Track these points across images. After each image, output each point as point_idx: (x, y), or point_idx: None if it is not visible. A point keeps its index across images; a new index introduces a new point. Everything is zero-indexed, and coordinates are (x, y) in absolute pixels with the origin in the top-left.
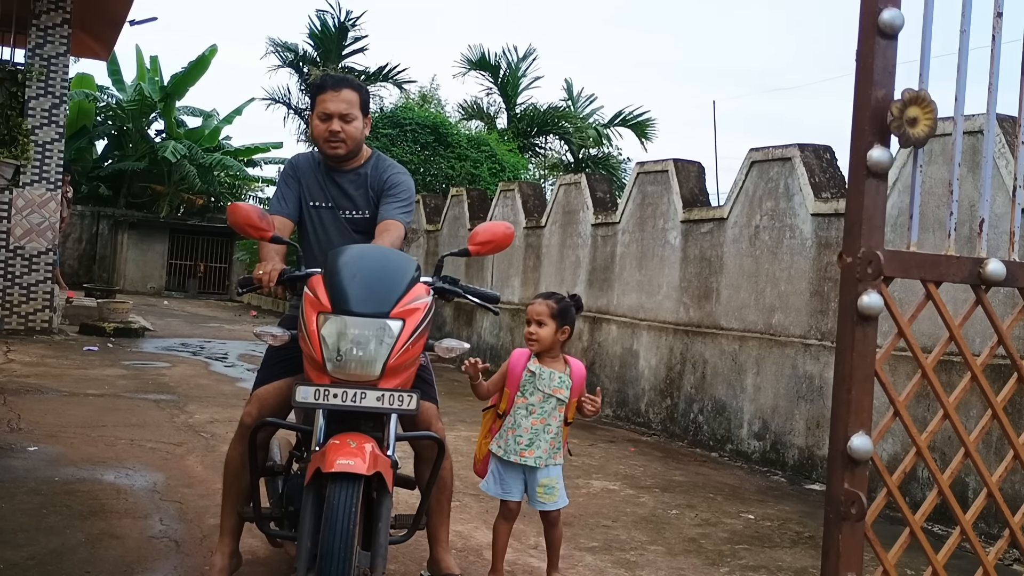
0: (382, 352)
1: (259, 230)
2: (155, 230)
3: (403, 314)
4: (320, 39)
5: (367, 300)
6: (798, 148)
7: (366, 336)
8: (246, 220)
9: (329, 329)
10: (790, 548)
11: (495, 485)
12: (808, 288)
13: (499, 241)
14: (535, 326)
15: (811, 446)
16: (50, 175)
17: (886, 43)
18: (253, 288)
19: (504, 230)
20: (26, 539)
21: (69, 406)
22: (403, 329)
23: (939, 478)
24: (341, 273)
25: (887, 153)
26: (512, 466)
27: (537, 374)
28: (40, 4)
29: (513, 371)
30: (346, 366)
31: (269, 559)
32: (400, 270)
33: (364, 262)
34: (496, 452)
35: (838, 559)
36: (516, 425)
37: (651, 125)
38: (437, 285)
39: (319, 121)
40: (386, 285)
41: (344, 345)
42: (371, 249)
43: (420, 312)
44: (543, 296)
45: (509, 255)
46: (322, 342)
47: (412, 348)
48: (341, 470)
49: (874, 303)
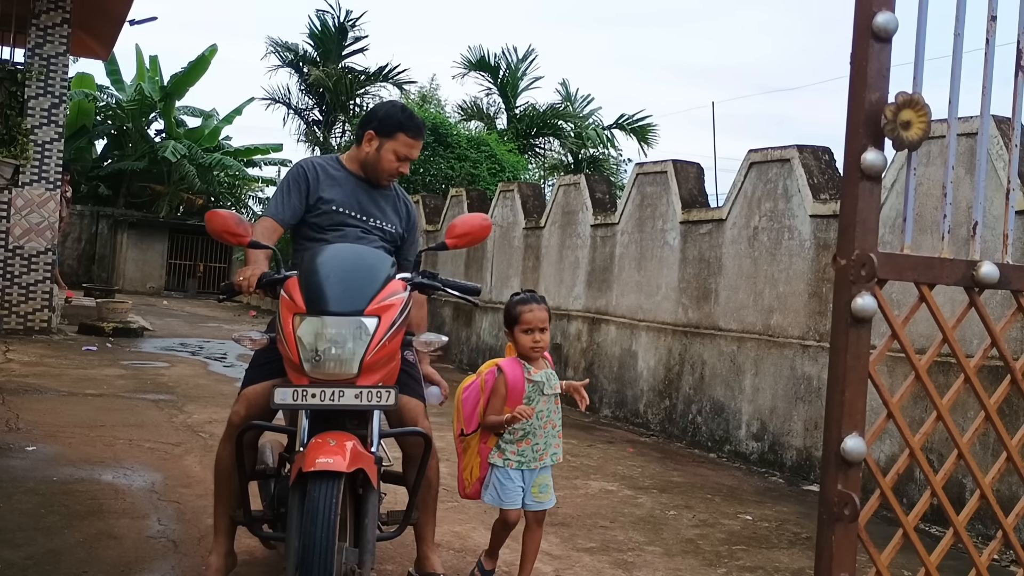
0: (359, 350)
1: (236, 236)
2: (155, 230)
3: (378, 311)
4: (320, 39)
5: (341, 299)
6: (797, 149)
7: (342, 335)
8: (223, 227)
9: (305, 330)
10: (787, 549)
11: (498, 496)
12: (806, 289)
13: (476, 233)
14: (539, 333)
15: (809, 447)
16: (49, 175)
17: (880, 46)
18: (235, 294)
19: (481, 222)
20: (24, 539)
21: (68, 406)
22: (379, 326)
23: (932, 479)
24: (315, 274)
25: (881, 156)
26: (513, 473)
27: (540, 381)
28: (40, 4)
29: (515, 388)
30: (324, 366)
31: (266, 560)
32: (374, 268)
33: (337, 262)
34: (501, 464)
35: (831, 560)
36: (531, 435)
37: (652, 130)
38: (415, 280)
39: (392, 157)
40: (360, 283)
41: (321, 345)
42: (344, 248)
43: (396, 308)
44: (534, 300)
45: (508, 256)
46: (299, 343)
47: (389, 344)
48: (321, 468)
49: (868, 305)
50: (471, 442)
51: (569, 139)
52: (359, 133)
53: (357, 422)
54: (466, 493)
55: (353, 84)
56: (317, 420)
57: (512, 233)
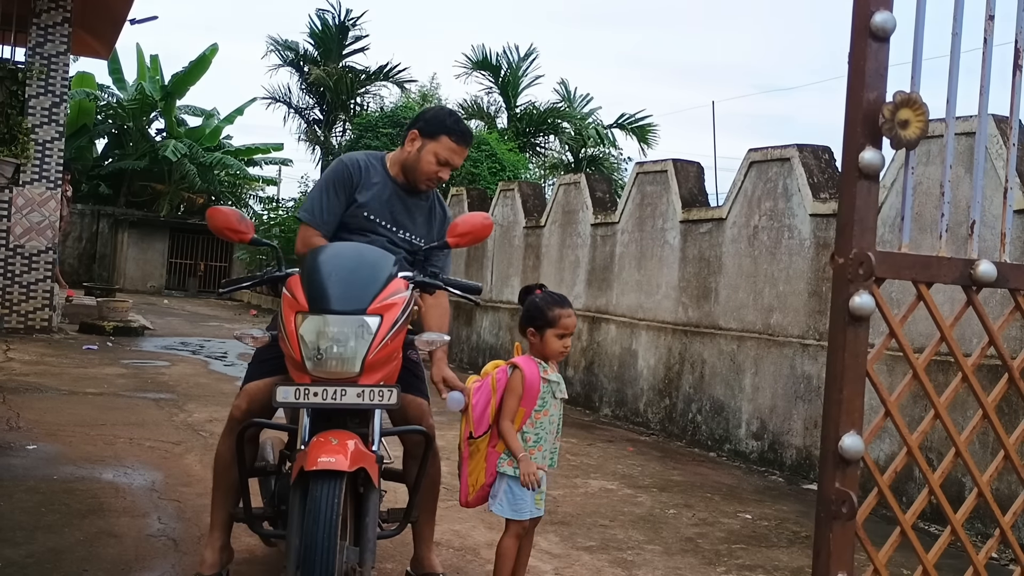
0: (361, 348)
1: (238, 233)
2: (155, 229)
3: (381, 309)
4: (321, 38)
5: (344, 298)
6: (797, 148)
7: (345, 333)
8: (225, 223)
9: (307, 328)
10: (787, 548)
11: (509, 507)
12: (806, 288)
13: (478, 232)
14: (569, 339)
15: (809, 446)
16: (50, 174)
17: (878, 46)
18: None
19: (482, 220)
20: (24, 537)
21: (68, 405)
22: (381, 325)
23: (930, 477)
24: (318, 272)
25: (879, 155)
26: None
27: (555, 381)
28: (41, 3)
29: (532, 386)
30: (326, 364)
31: (266, 557)
32: (377, 266)
33: (340, 260)
34: (513, 473)
35: (829, 558)
36: (543, 441)
37: (652, 130)
38: (417, 279)
39: (433, 159)
40: (363, 282)
41: (323, 343)
42: (347, 247)
43: (398, 307)
44: (567, 303)
45: (509, 255)
46: (301, 341)
47: (391, 343)
48: (323, 467)
49: (866, 304)
50: (480, 445)
51: (569, 137)
52: (404, 133)
53: (359, 421)
54: (467, 501)
55: (354, 83)
56: (319, 418)
57: (512, 232)
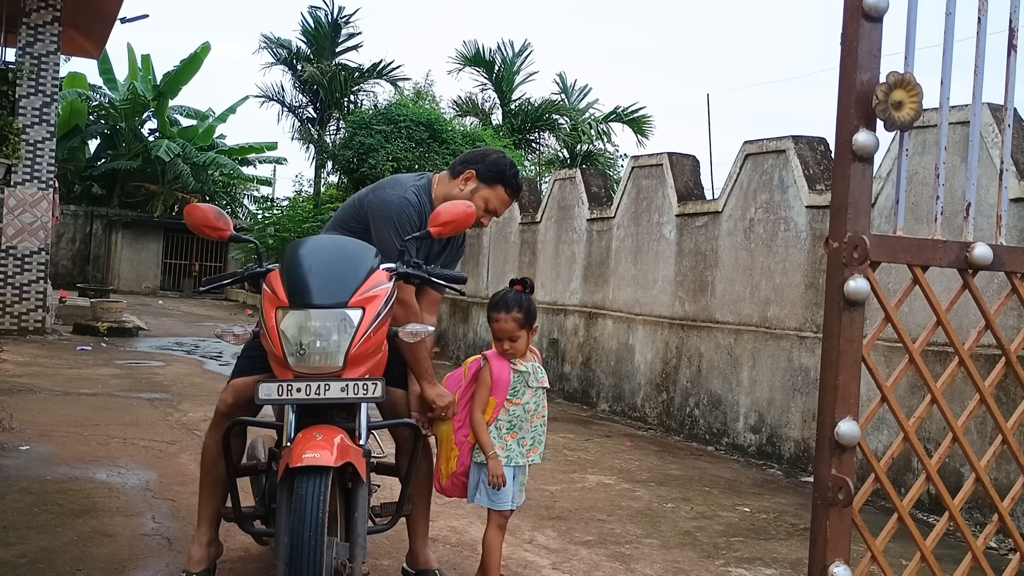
0: (343, 342)
1: (217, 230)
2: (149, 229)
3: (362, 302)
4: (314, 36)
5: (325, 291)
6: (792, 140)
7: (326, 327)
8: (203, 220)
9: (288, 323)
10: (785, 540)
11: (488, 497)
12: (803, 280)
13: (460, 221)
14: (508, 343)
15: (807, 439)
16: (41, 174)
17: (871, 26)
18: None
19: (465, 209)
20: (17, 537)
21: (62, 405)
22: (363, 317)
23: (927, 463)
24: (298, 266)
25: (873, 137)
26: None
27: (525, 371)
28: (30, 2)
29: (500, 378)
30: (308, 359)
31: (261, 556)
32: (357, 259)
33: (320, 254)
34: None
35: (825, 545)
36: (518, 428)
37: (647, 122)
38: (399, 270)
39: (483, 204)
40: (343, 275)
41: (305, 338)
42: (327, 240)
43: (380, 299)
44: (503, 307)
45: (505, 251)
46: (282, 337)
47: (375, 336)
48: (308, 463)
49: (860, 288)
50: (443, 433)
51: (564, 133)
52: (458, 168)
53: (345, 415)
54: (442, 486)
55: (347, 81)
56: (304, 415)
57: (508, 228)
